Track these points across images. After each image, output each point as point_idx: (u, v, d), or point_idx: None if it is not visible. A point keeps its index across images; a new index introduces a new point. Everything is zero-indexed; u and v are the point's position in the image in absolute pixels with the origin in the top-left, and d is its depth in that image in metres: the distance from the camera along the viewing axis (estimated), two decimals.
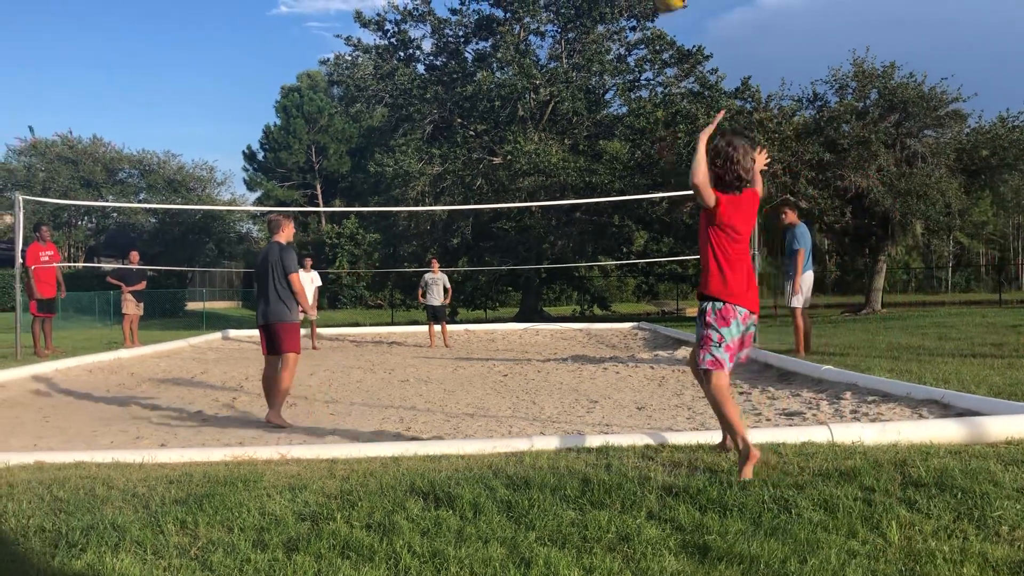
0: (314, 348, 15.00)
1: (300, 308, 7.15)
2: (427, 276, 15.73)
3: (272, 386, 6.90)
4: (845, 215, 21.85)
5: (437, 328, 15.87)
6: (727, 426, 4.36)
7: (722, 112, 5.21)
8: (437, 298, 15.56)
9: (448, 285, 15.80)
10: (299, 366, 12.01)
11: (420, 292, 15.87)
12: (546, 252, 30.51)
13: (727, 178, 4.38)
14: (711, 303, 4.39)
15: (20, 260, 12.51)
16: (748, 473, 4.07)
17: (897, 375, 7.58)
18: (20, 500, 3.88)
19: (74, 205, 44.68)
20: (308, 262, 15.70)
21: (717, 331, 4.35)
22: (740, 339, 4.42)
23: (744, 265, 4.42)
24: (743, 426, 4.31)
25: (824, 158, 21.53)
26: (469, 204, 27.57)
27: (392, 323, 31.47)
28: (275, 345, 6.99)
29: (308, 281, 15.11)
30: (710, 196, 4.30)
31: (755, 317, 4.50)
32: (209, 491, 3.93)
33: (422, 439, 5.70)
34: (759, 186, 4.66)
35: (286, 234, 7.16)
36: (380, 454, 4.81)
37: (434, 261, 16.25)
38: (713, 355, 4.35)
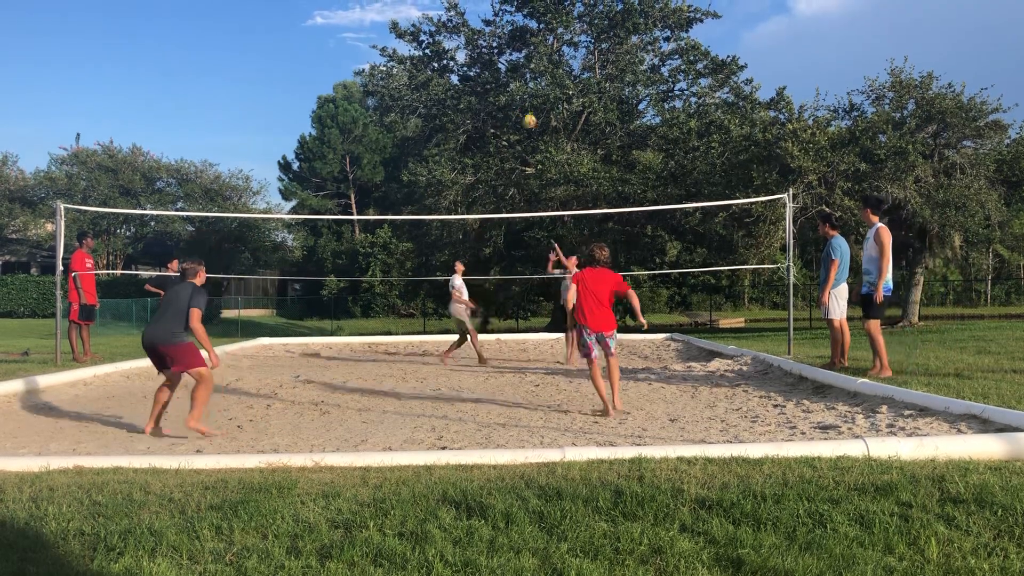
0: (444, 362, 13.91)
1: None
2: (564, 275, 13.74)
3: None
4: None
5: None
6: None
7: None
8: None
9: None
10: (334, 373, 12.15)
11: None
12: (579, 261, 30.44)
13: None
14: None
15: (61, 267, 12.73)
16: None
17: (935, 389, 7.46)
18: (60, 503, 3.95)
19: (113, 213, 45.39)
20: (459, 267, 14.58)
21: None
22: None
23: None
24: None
25: (860, 168, 21.31)
26: (501, 213, 27.60)
27: (424, 332, 31.61)
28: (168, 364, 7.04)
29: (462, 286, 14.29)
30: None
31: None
32: (244, 497, 3.97)
33: (454, 448, 5.72)
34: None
35: (200, 279, 7.32)
36: (412, 463, 4.82)
37: (570, 259, 14.00)
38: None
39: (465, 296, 14.18)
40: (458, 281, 14.23)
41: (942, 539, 3.35)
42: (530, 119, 12.61)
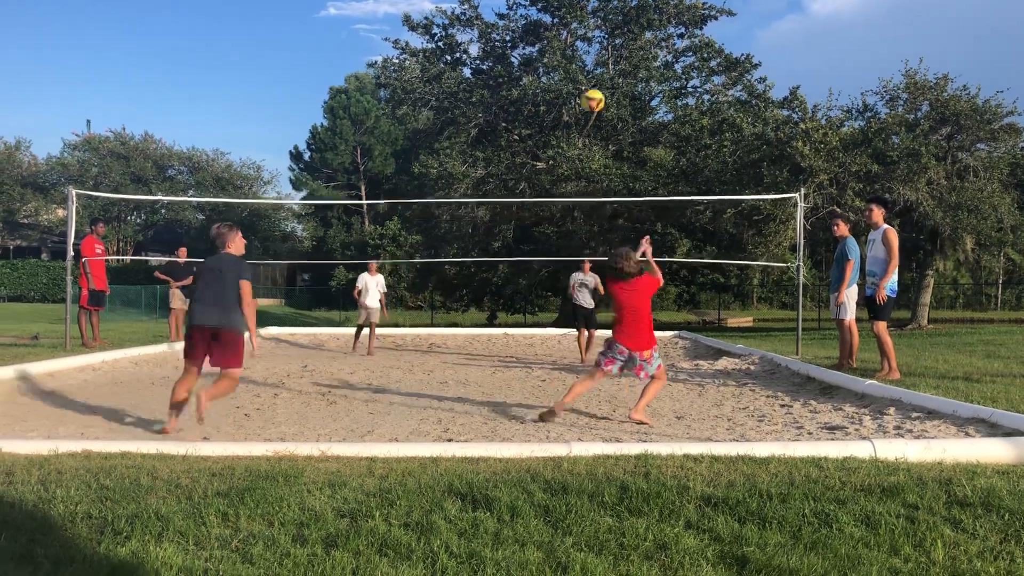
0: (369, 354, 14.32)
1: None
2: (577, 276, 13.68)
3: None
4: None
5: (587, 334, 13.58)
6: None
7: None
8: (589, 301, 13.59)
9: (600, 287, 13.32)
10: (340, 364, 12.18)
11: (572, 292, 13.67)
12: (588, 257, 30.43)
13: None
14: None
15: (72, 253, 12.79)
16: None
17: (943, 392, 7.43)
18: (68, 487, 3.97)
19: (124, 200, 45.55)
20: (373, 265, 15.30)
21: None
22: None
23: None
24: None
25: (872, 170, 21.23)
26: (511, 209, 27.60)
27: (432, 324, 31.66)
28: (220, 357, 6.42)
29: (374, 286, 14.85)
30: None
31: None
32: (250, 485, 3.98)
33: (460, 441, 5.72)
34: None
35: (236, 246, 6.71)
36: (418, 454, 4.84)
37: (585, 261, 14.06)
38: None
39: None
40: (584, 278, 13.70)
41: (948, 542, 3.34)
42: (594, 97, 11.90)
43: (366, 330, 14.67)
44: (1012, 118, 21.97)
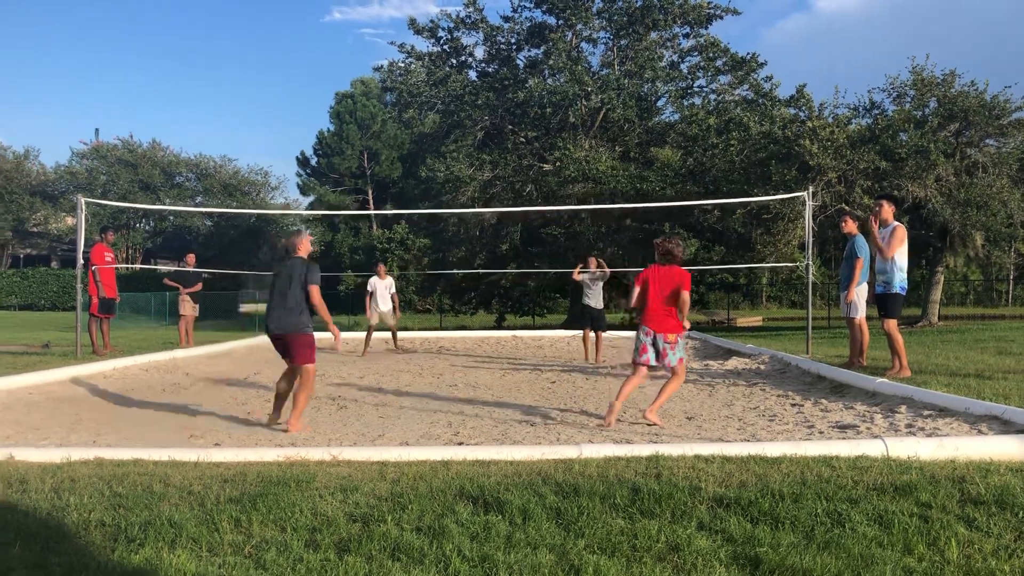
0: (396, 350, 15.37)
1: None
2: (587, 275, 13.29)
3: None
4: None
5: (593, 336, 13.37)
6: None
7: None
8: (598, 300, 13.29)
9: (608, 272, 13.28)
10: (350, 369, 12.21)
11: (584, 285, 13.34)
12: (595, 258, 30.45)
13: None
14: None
15: (82, 261, 12.84)
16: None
17: (955, 390, 7.40)
18: (82, 495, 3.99)
19: (132, 208, 45.73)
20: (382, 268, 15.79)
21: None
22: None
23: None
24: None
25: (880, 167, 21.17)
26: (519, 207, 27.58)
27: (440, 327, 31.66)
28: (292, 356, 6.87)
29: (384, 289, 15.35)
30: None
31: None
32: (263, 490, 3.99)
33: (471, 444, 5.72)
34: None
35: (303, 249, 7.06)
36: (430, 457, 4.84)
37: (591, 259, 13.61)
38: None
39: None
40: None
41: (962, 540, 3.33)
42: None
43: (376, 334, 14.90)
44: (1021, 113, 21.87)
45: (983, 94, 21.60)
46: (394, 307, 15.34)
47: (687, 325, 6.99)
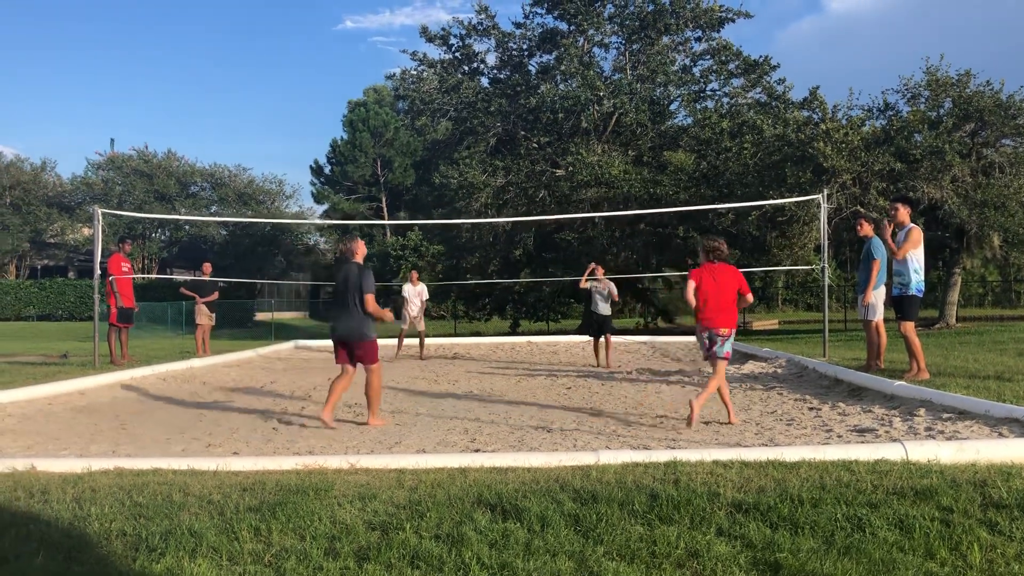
0: (421, 358, 15.38)
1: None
2: (591, 284, 13.69)
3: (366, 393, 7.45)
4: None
5: (603, 341, 13.65)
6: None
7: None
8: (605, 307, 13.62)
9: (615, 295, 13.61)
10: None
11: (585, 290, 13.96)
12: (609, 264, 30.42)
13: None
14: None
15: (99, 272, 12.93)
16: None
17: (974, 392, 7.35)
18: (102, 504, 4.01)
19: (148, 218, 46.03)
20: (415, 275, 16.29)
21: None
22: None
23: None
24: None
25: (895, 168, 21.05)
26: (531, 215, 27.56)
27: (455, 334, 31.67)
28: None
29: (415, 295, 15.73)
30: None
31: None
32: (282, 499, 4.01)
33: (488, 451, 5.73)
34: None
35: (360, 254, 7.49)
36: (447, 465, 4.84)
37: (598, 268, 13.90)
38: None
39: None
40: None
41: (985, 545, 3.30)
42: None
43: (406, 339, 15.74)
44: None
45: (999, 94, 21.44)
46: (421, 314, 15.68)
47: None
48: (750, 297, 7.15)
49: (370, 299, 7.14)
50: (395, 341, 16.31)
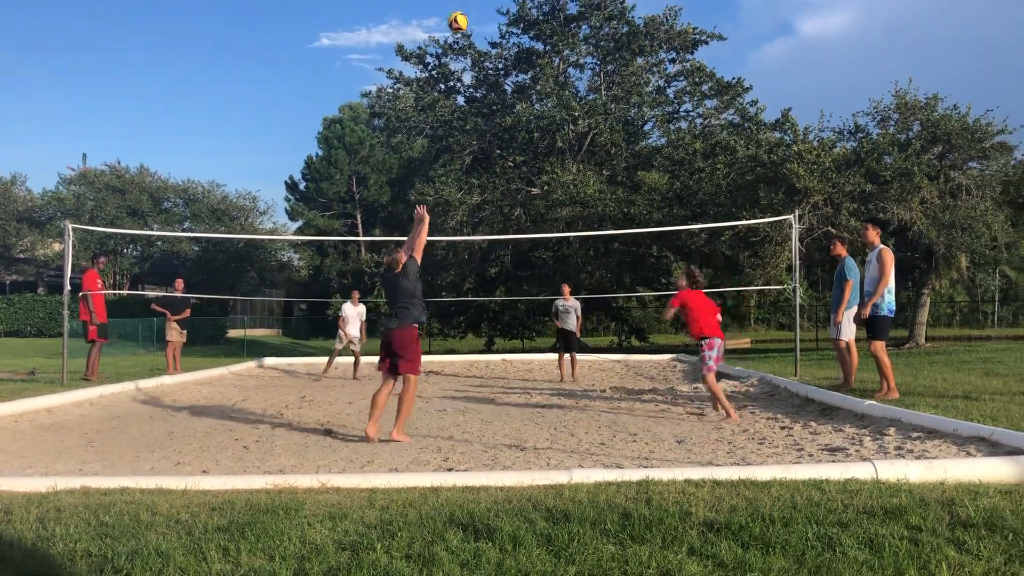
0: (355, 378, 15.00)
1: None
2: (559, 303, 14.64)
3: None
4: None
5: (568, 357, 14.39)
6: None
7: None
8: (571, 324, 14.39)
9: (580, 315, 14.55)
10: (339, 393, 12.16)
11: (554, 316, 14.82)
12: (584, 282, 30.50)
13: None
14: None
15: (68, 287, 12.78)
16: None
17: (943, 411, 7.43)
18: (67, 524, 3.94)
19: (120, 233, 45.57)
20: (355, 295, 16.00)
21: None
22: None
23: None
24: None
25: (866, 189, 21.33)
26: (507, 234, 27.61)
27: (429, 351, 31.54)
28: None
29: (356, 316, 15.52)
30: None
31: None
32: (251, 519, 3.96)
33: (460, 470, 5.70)
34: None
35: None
36: (419, 484, 4.81)
37: (565, 287, 14.97)
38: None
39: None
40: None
41: (953, 563, 3.33)
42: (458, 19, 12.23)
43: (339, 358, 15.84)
44: (1003, 136, 22.10)
45: (965, 117, 21.82)
46: (362, 333, 15.59)
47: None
48: (719, 318, 8.96)
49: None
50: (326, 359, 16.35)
